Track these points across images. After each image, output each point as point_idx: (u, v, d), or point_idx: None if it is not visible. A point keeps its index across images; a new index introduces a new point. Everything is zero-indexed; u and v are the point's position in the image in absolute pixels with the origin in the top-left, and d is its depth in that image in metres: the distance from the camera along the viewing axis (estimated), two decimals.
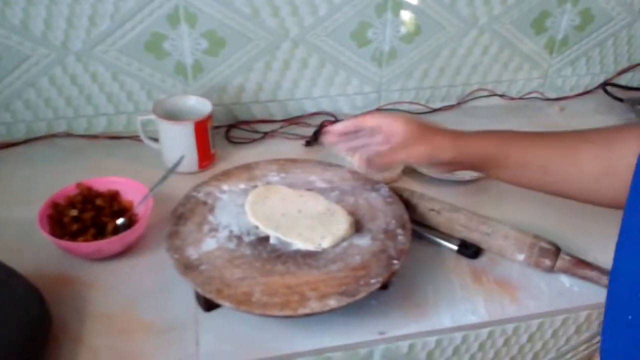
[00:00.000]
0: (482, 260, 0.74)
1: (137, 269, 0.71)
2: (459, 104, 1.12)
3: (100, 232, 0.74)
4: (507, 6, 1.03)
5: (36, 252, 0.72)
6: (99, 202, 0.76)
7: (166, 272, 0.67)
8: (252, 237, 0.67)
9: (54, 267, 0.71)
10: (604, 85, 1.18)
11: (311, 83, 1.04)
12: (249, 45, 0.96)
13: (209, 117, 0.87)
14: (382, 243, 0.66)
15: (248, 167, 0.79)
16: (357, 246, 0.65)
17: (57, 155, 0.93)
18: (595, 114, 1.12)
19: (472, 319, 0.66)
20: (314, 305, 0.57)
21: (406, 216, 0.70)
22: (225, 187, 0.75)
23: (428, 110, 1.10)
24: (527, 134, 0.66)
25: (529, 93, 1.16)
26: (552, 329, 0.71)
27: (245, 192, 0.74)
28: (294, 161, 0.81)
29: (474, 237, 0.73)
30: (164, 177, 0.77)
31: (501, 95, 1.14)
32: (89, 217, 0.74)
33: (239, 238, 0.66)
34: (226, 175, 0.77)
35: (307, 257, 0.64)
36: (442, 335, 0.66)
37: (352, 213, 0.70)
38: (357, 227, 0.68)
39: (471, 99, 1.13)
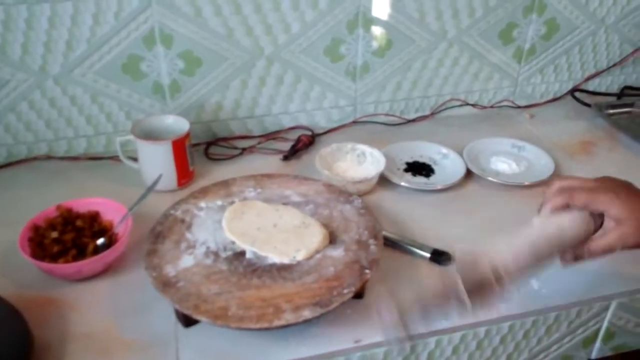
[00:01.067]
0: (454, 267, 0.76)
1: (118, 287, 0.72)
2: (432, 114, 1.15)
3: (81, 253, 0.75)
4: (475, 19, 1.07)
5: (17, 274, 0.73)
6: (79, 223, 0.78)
7: (146, 290, 0.68)
8: (229, 253, 0.68)
9: (36, 289, 0.72)
10: (572, 92, 1.21)
11: (287, 99, 1.06)
12: (224, 64, 0.99)
13: (187, 135, 0.89)
14: (355, 254, 0.68)
15: (225, 184, 0.81)
16: (331, 257, 0.68)
17: (38, 177, 0.94)
18: (565, 120, 1.15)
19: (445, 324, 0.68)
20: (289, 317, 0.59)
21: (378, 226, 0.72)
22: (202, 204, 0.77)
23: (403, 121, 1.13)
24: None
25: (500, 101, 1.19)
26: (523, 330, 0.73)
27: (222, 209, 0.76)
28: (270, 176, 0.83)
29: None
30: (143, 196, 0.79)
31: (473, 105, 1.17)
32: (69, 238, 0.76)
33: (216, 254, 0.68)
34: (203, 192, 0.79)
35: (282, 270, 0.66)
36: (416, 341, 0.68)
37: (326, 225, 0.72)
38: (331, 238, 0.70)
39: (444, 109, 1.16)
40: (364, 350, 0.66)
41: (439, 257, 0.77)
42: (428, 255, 0.77)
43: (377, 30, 1.03)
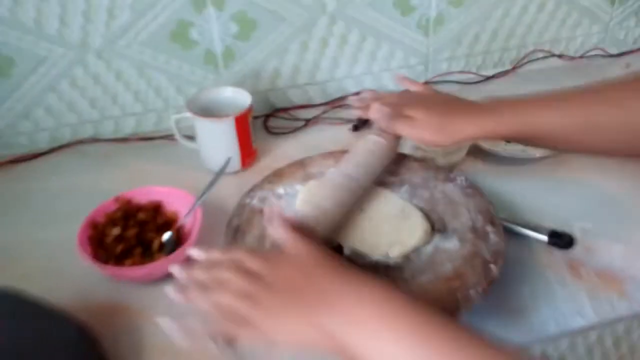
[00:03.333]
0: (576, 250, 0.66)
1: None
2: (514, 68, 1.02)
3: (147, 251, 0.66)
4: None
5: (78, 279, 0.65)
6: (141, 216, 0.69)
7: None
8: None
9: (100, 295, 0.63)
10: None
11: (352, 60, 0.94)
12: (282, 24, 0.87)
13: (249, 109, 0.78)
14: (473, 245, 0.57)
15: (302, 164, 0.70)
16: (445, 251, 0.57)
17: (86, 163, 0.85)
18: None
19: (579, 322, 0.58)
20: None
21: (493, 209, 0.61)
22: (280, 190, 0.67)
23: (481, 78, 1.00)
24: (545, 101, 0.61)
25: (589, 50, 1.05)
26: None
27: None
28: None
29: None
30: (211, 184, 0.70)
31: (559, 56, 1.04)
32: (132, 234, 0.67)
33: None
34: (279, 175, 0.69)
35: (390, 269, 0.56)
36: (547, 344, 0.58)
37: (429, 211, 0.61)
38: (439, 226, 0.60)
39: (527, 62, 1.03)
40: None
41: (559, 239, 0.66)
42: (545, 238, 0.66)
43: None
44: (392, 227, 0.60)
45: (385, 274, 0.55)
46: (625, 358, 0.64)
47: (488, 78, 1.00)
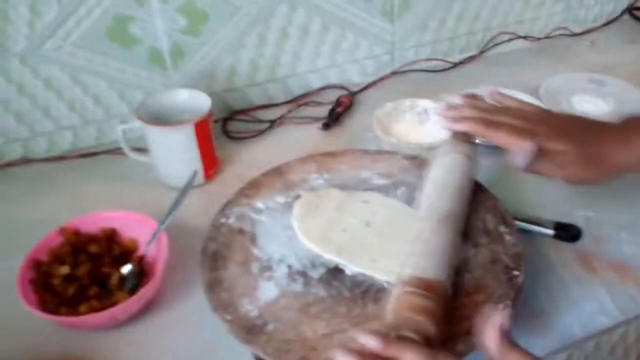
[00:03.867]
0: (584, 242, 0.61)
1: (164, 331, 0.54)
2: (480, 53, 0.98)
3: (104, 289, 0.56)
4: None
5: (22, 329, 0.53)
6: (93, 248, 0.58)
7: (204, 329, 0.50)
8: (322, 270, 0.50)
9: (53, 347, 0.52)
10: (629, 10, 1.05)
11: (314, 52, 0.86)
12: (237, 15, 0.77)
13: (210, 113, 0.69)
14: (489, 250, 0.51)
15: (279, 172, 0.62)
16: (461, 260, 0.50)
17: (17, 189, 0.72)
18: (629, 44, 1.00)
19: (604, 321, 0.53)
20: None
21: (501, 206, 0.55)
22: (259, 204, 0.58)
23: (449, 65, 0.95)
24: None
25: (554, 30, 1.02)
26: None
27: (287, 207, 0.57)
28: (332, 155, 0.64)
29: None
30: (177, 203, 0.59)
31: (525, 37, 1.00)
32: (85, 272, 0.56)
33: (304, 274, 0.50)
34: (255, 187, 0.60)
35: None
36: (573, 349, 0.53)
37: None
38: None
39: (493, 46, 0.98)
40: None
41: (565, 232, 0.61)
42: (551, 232, 0.61)
43: None
44: (400, 237, 0.52)
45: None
46: None
47: (456, 64, 0.95)
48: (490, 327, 0.37)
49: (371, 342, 0.37)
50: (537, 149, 0.51)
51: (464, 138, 0.56)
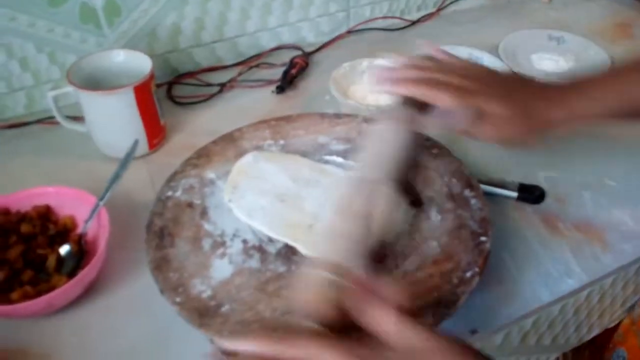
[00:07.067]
0: (548, 204, 0.59)
1: (109, 315, 0.49)
2: (438, 10, 0.94)
3: (40, 272, 0.50)
4: None
5: None
6: (25, 228, 0.53)
7: (154, 312, 0.46)
8: (279, 244, 0.46)
9: None
10: None
11: (265, 9, 0.80)
12: None
13: (151, 76, 0.63)
14: (455, 215, 0.48)
15: (231, 139, 0.57)
16: (426, 227, 0.47)
17: None
18: (584, 1, 0.98)
19: (571, 284, 0.52)
20: None
21: (466, 170, 0.52)
22: (210, 174, 0.53)
23: (406, 23, 0.91)
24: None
25: None
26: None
27: None
28: (288, 119, 0.59)
29: None
30: (117, 175, 0.54)
31: None
32: (16, 254, 0.51)
33: (260, 249, 0.46)
34: (205, 156, 0.55)
35: None
36: (540, 313, 0.52)
37: (399, 181, 0.51)
38: (413, 198, 0.50)
39: (450, 3, 0.95)
40: (481, 341, 0.49)
41: (529, 194, 0.59)
42: (515, 194, 0.59)
43: None
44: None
45: None
46: (607, 310, 0.60)
47: (413, 23, 0.91)
48: (379, 305, 0.32)
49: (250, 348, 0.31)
50: (475, 112, 0.49)
51: (406, 101, 0.53)
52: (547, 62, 0.79)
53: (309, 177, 0.52)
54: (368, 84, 0.65)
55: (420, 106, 0.53)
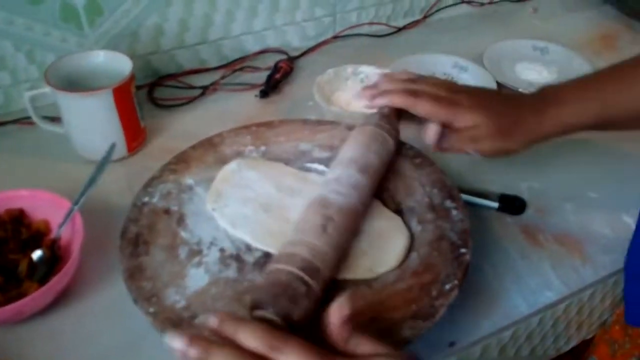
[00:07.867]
0: (529, 215, 0.59)
1: (82, 322, 0.48)
2: (424, 17, 0.94)
3: (10, 279, 0.49)
4: None
5: None
6: None
7: (128, 320, 0.45)
8: (257, 253, 0.46)
9: None
10: None
11: (250, 12, 0.79)
12: None
13: (131, 77, 0.61)
14: (436, 226, 0.48)
15: (211, 144, 0.56)
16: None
17: None
18: (571, 12, 0.99)
19: (549, 296, 0.52)
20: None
21: (448, 180, 0.52)
22: (188, 180, 0.52)
23: (392, 30, 0.91)
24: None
25: None
26: None
27: None
28: (269, 125, 0.59)
29: None
30: (93, 179, 0.53)
31: (468, 2, 0.97)
32: None
33: (238, 258, 0.45)
34: (183, 161, 0.54)
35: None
36: (518, 325, 0.51)
37: (382, 189, 0.51)
38: (395, 207, 0.50)
39: (436, 11, 0.95)
40: (460, 352, 0.48)
41: (510, 204, 0.59)
42: (496, 204, 0.59)
43: None
44: (370, 242, 0.47)
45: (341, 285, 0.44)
46: (585, 322, 0.60)
47: (399, 29, 0.91)
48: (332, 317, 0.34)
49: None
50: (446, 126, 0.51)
51: (386, 113, 0.53)
52: (531, 73, 0.80)
53: (293, 185, 0.51)
54: (352, 93, 0.65)
55: (402, 115, 0.53)
